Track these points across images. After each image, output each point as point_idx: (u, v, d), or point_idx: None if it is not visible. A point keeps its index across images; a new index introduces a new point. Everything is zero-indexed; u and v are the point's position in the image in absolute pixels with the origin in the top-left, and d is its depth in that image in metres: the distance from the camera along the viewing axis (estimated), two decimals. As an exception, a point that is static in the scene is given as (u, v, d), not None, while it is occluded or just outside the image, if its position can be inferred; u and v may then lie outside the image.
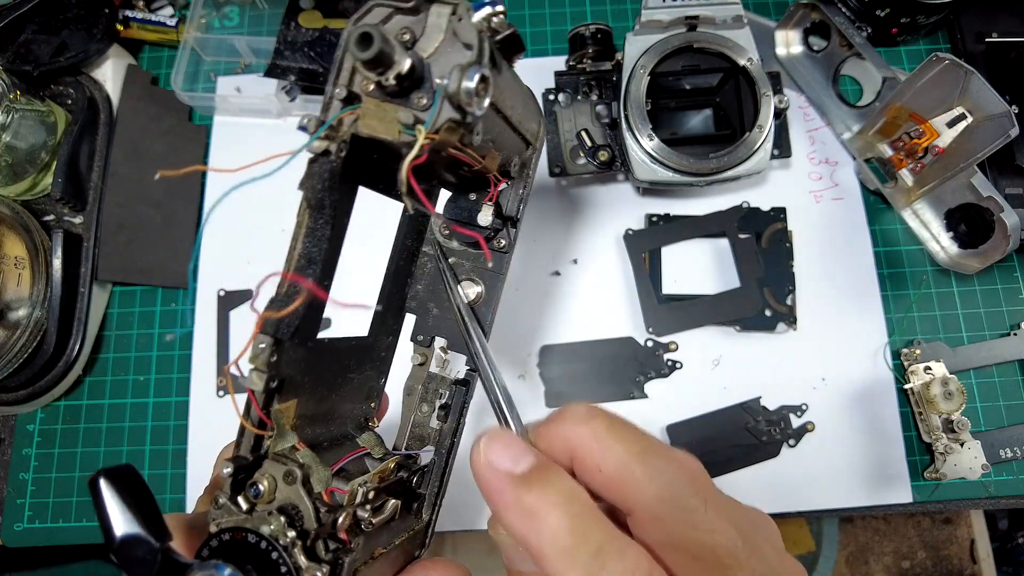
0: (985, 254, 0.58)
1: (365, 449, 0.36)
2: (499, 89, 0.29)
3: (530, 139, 0.37)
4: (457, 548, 1.00)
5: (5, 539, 0.63)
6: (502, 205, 0.37)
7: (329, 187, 0.28)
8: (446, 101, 0.26)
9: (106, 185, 0.65)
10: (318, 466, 0.28)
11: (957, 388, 0.57)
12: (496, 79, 0.28)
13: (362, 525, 0.29)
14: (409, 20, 0.28)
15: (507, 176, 0.37)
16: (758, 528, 0.26)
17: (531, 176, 0.38)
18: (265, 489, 0.27)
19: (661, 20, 0.60)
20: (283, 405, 0.30)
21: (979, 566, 1.18)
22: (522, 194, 0.37)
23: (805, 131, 0.70)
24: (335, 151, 0.28)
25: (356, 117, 0.28)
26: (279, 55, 0.68)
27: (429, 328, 0.39)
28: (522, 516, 0.23)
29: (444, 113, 0.26)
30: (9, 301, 0.60)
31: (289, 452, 0.29)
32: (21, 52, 0.64)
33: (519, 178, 0.37)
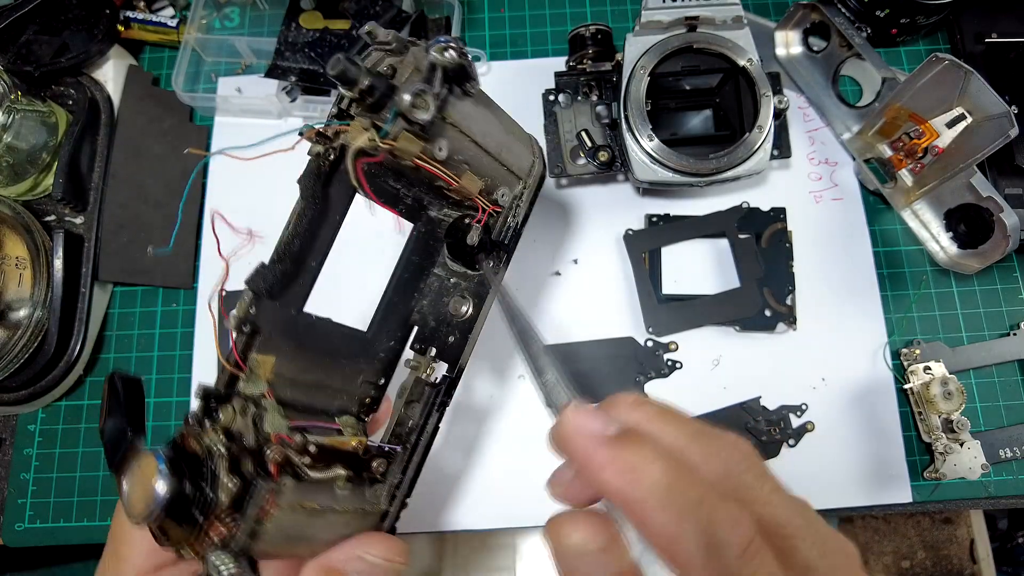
0: (985, 254, 0.58)
1: (335, 425, 0.39)
2: (460, 113, 0.36)
3: (519, 174, 0.42)
4: (457, 547, 1.00)
5: (6, 539, 0.63)
6: (491, 230, 0.42)
7: (316, 181, 0.36)
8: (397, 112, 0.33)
9: (107, 185, 0.65)
10: (275, 412, 0.33)
11: (957, 388, 0.57)
12: (455, 103, 0.35)
13: (297, 470, 0.32)
14: (394, 59, 0.36)
15: (497, 204, 0.42)
16: (807, 507, 0.26)
17: (523, 208, 0.43)
18: (224, 417, 0.32)
19: (661, 21, 0.61)
20: (261, 357, 0.35)
21: (979, 566, 1.18)
22: (511, 223, 0.42)
23: (805, 131, 0.70)
24: (324, 154, 0.36)
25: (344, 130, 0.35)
26: (280, 56, 0.68)
27: (427, 338, 0.43)
28: (620, 472, 0.24)
29: (398, 123, 0.33)
30: (10, 301, 0.60)
31: (257, 397, 0.34)
32: (22, 53, 0.65)
33: (510, 209, 0.42)
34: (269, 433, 0.32)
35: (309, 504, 0.33)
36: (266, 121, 0.72)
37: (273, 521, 0.31)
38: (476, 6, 0.76)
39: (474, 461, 0.63)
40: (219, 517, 0.29)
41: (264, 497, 0.30)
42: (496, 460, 0.62)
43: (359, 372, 0.42)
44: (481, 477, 0.62)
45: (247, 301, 0.35)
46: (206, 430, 0.32)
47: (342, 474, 0.35)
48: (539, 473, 0.60)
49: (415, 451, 0.41)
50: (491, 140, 0.39)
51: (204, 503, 0.29)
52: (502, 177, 0.41)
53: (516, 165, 0.41)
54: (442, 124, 0.35)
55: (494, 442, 0.63)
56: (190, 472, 0.29)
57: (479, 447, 0.63)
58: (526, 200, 0.43)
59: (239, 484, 0.29)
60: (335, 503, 0.34)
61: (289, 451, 0.31)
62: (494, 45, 0.74)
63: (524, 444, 0.63)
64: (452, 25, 0.70)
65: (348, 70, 0.31)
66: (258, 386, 0.34)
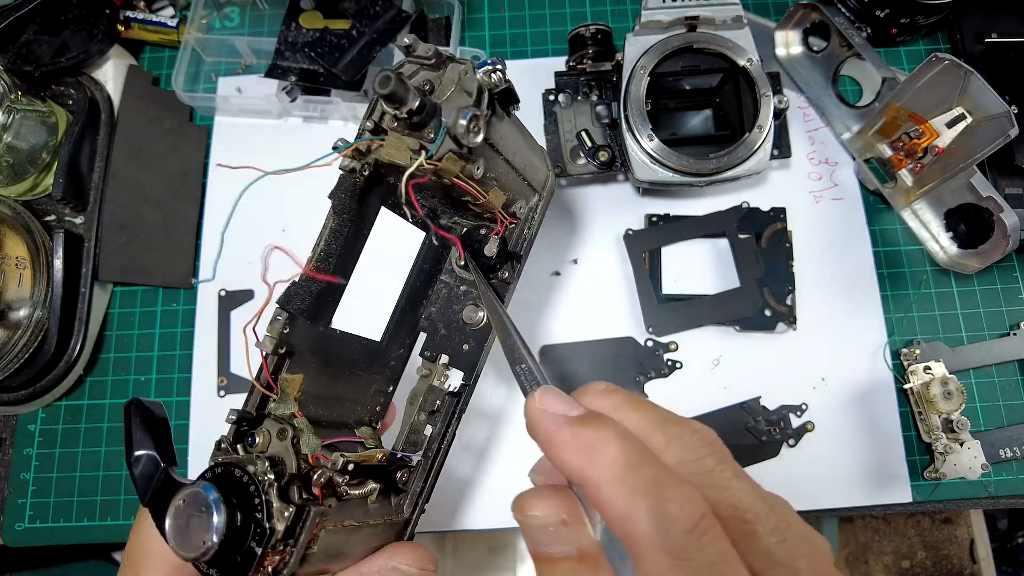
0: (984, 254, 0.58)
1: (358, 437, 0.39)
2: (498, 134, 0.36)
3: (536, 187, 0.43)
4: (458, 548, 1.00)
5: (6, 539, 0.63)
6: (508, 241, 0.42)
7: (352, 197, 0.36)
8: (447, 135, 0.32)
9: (107, 185, 0.65)
10: (310, 433, 0.33)
11: (956, 388, 0.57)
12: (496, 124, 0.36)
13: (337, 490, 0.33)
14: (431, 74, 0.36)
15: (515, 216, 0.42)
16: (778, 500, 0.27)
17: (537, 220, 0.43)
18: (260, 441, 0.33)
19: (661, 21, 0.61)
20: (290, 376, 0.35)
21: (979, 566, 1.18)
22: (527, 235, 0.43)
23: (805, 131, 0.70)
24: (359, 170, 0.35)
25: (380, 146, 0.34)
26: (280, 56, 0.68)
27: (436, 346, 0.44)
28: (580, 450, 0.25)
29: (445, 144, 0.33)
30: (10, 301, 0.60)
31: (288, 417, 0.34)
32: (22, 53, 0.65)
33: (526, 220, 0.43)
34: (307, 454, 0.32)
35: (349, 522, 0.33)
36: (266, 121, 0.72)
37: (320, 543, 0.31)
38: (476, 6, 0.76)
39: (474, 462, 0.63)
40: (274, 547, 0.29)
41: (315, 522, 0.30)
42: (496, 460, 0.62)
43: (372, 382, 0.42)
44: (481, 477, 0.62)
45: (282, 322, 0.35)
46: (245, 456, 0.31)
47: (375, 488, 0.35)
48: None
49: (436, 459, 0.41)
50: (519, 158, 0.40)
51: (260, 533, 0.29)
52: (522, 191, 0.42)
53: (536, 179, 0.42)
54: (483, 144, 0.35)
55: (494, 443, 0.63)
56: (240, 503, 0.29)
57: (479, 448, 0.63)
58: (541, 212, 0.44)
59: (293, 512, 0.29)
60: (368, 517, 0.35)
61: (332, 473, 0.32)
62: (494, 45, 0.74)
63: (524, 444, 0.63)
64: (452, 25, 0.70)
65: (398, 90, 0.30)
66: (289, 406, 0.34)
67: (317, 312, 0.36)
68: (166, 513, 0.28)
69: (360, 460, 0.34)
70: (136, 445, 0.31)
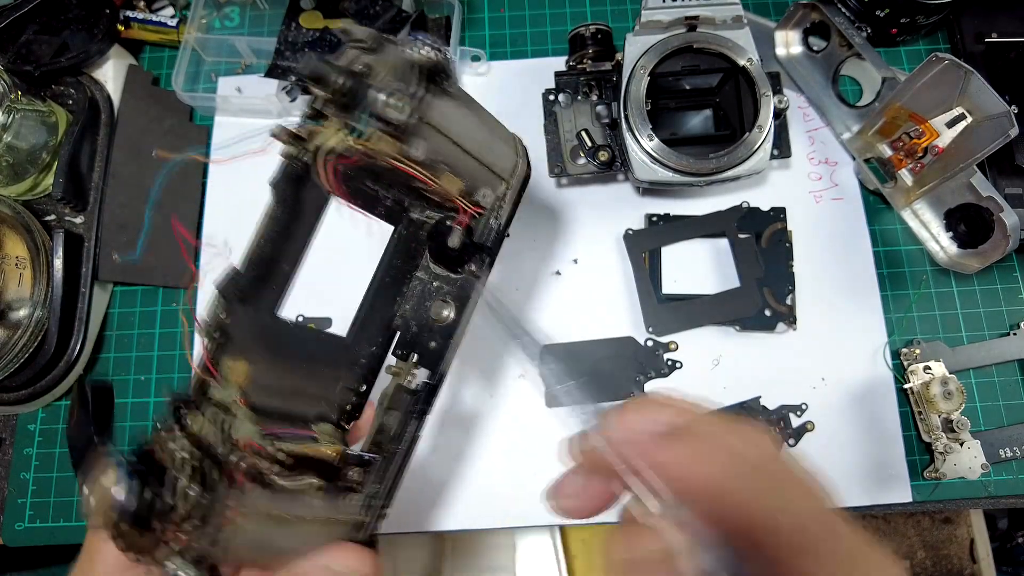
0: (985, 254, 0.58)
1: (312, 432, 0.38)
2: (438, 113, 0.35)
3: (500, 173, 0.40)
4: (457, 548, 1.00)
5: (6, 538, 0.63)
6: (474, 232, 0.40)
7: (292, 185, 0.35)
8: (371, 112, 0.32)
9: (107, 185, 0.65)
10: (245, 419, 0.33)
11: (956, 388, 0.57)
12: (433, 103, 0.34)
13: (265, 478, 0.32)
14: (371, 58, 0.34)
15: (478, 206, 0.40)
16: None
17: (507, 209, 0.41)
18: (192, 423, 0.32)
19: (661, 21, 0.61)
20: (233, 362, 0.34)
21: (979, 566, 1.18)
22: (493, 225, 0.40)
23: (805, 131, 0.70)
24: (298, 155, 0.35)
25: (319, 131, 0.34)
26: (280, 56, 0.68)
27: (407, 344, 0.42)
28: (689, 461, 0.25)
29: (374, 124, 0.32)
30: (10, 301, 0.60)
31: (229, 403, 0.34)
32: (22, 52, 0.65)
33: (493, 210, 0.40)
34: (238, 440, 0.32)
35: (277, 513, 0.32)
36: (266, 121, 0.72)
37: (237, 529, 0.31)
38: (476, 6, 0.76)
39: (473, 461, 0.63)
40: (178, 524, 0.29)
41: (226, 505, 0.30)
42: (495, 460, 0.62)
43: (338, 379, 0.41)
44: (480, 477, 0.62)
45: (217, 306, 0.34)
46: (169, 435, 0.31)
47: (314, 483, 0.34)
48: (538, 473, 0.60)
49: (392, 460, 0.39)
50: (470, 140, 0.38)
51: (164, 510, 0.29)
52: (483, 177, 0.40)
53: (498, 165, 0.40)
54: (419, 124, 0.34)
55: (493, 442, 0.63)
56: (152, 479, 0.29)
57: (478, 448, 0.63)
58: (509, 201, 0.41)
59: (199, 492, 0.29)
60: (306, 512, 0.34)
61: (257, 459, 0.31)
62: (494, 45, 0.74)
63: (523, 444, 0.63)
64: (452, 25, 0.70)
65: (319, 69, 0.31)
66: (230, 392, 0.34)
67: (255, 298, 0.35)
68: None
69: (300, 452, 0.33)
70: (76, 420, 0.32)
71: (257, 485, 0.32)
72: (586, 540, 0.98)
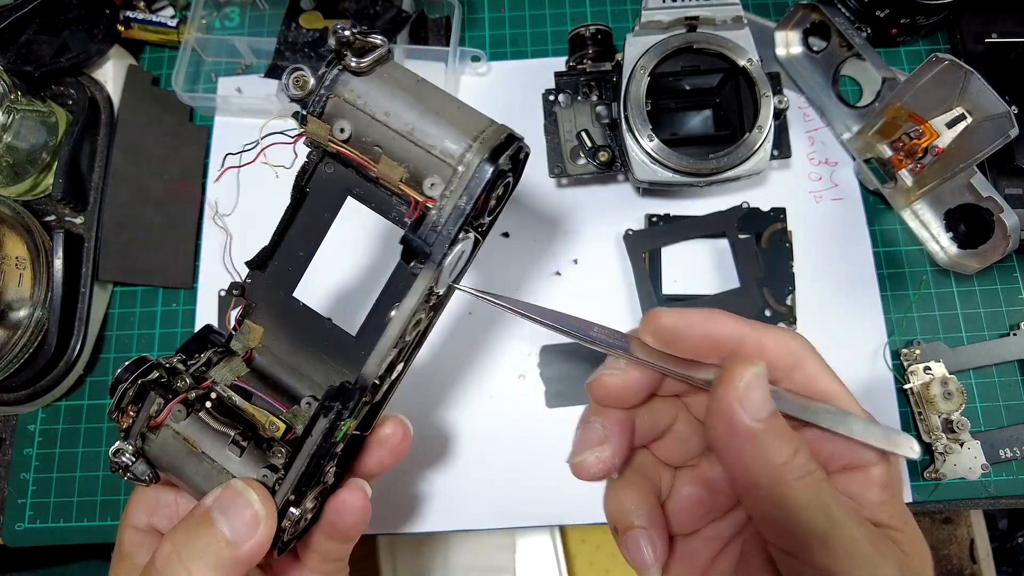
0: (985, 254, 0.58)
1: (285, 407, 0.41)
2: (354, 91, 0.36)
3: (441, 157, 0.35)
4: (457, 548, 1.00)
5: (6, 539, 0.63)
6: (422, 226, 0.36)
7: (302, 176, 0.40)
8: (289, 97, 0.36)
9: (107, 185, 0.65)
10: (227, 366, 0.41)
11: (957, 388, 0.57)
12: (349, 81, 0.36)
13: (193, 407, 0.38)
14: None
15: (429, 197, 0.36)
16: None
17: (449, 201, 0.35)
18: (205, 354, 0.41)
19: (661, 21, 0.61)
20: (253, 324, 0.41)
21: (979, 566, 1.18)
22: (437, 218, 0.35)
23: (805, 131, 0.70)
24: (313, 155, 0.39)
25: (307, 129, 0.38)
26: (280, 56, 0.68)
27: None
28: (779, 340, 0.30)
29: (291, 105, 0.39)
30: (10, 301, 0.60)
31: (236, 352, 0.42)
32: (22, 53, 0.64)
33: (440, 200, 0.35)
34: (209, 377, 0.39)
35: (193, 440, 0.37)
36: (266, 121, 0.72)
37: (159, 435, 0.37)
38: (476, 6, 0.76)
39: (473, 462, 0.63)
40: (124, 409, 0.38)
41: (151, 407, 0.37)
42: (495, 460, 0.62)
43: (341, 375, 0.41)
44: (480, 477, 0.62)
45: (247, 276, 0.41)
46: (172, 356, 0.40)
47: (230, 434, 0.38)
48: (538, 473, 0.60)
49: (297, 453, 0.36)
50: (401, 121, 0.35)
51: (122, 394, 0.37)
52: (428, 163, 0.36)
53: (443, 150, 0.35)
54: (339, 103, 0.36)
55: (494, 443, 0.63)
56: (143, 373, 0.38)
57: (478, 448, 0.63)
58: (460, 191, 0.35)
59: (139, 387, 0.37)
60: (220, 460, 0.37)
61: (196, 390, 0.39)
62: (494, 45, 0.74)
63: (523, 445, 0.63)
64: (452, 25, 0.70)
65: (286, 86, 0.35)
66: (243, 346, 0.41)
67: (270, 269, 0.41)
68: None
69: (238, 406, 0.39)
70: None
71: (185, 409, 0.38)
72: (586, 540, 0.98)
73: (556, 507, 0.61)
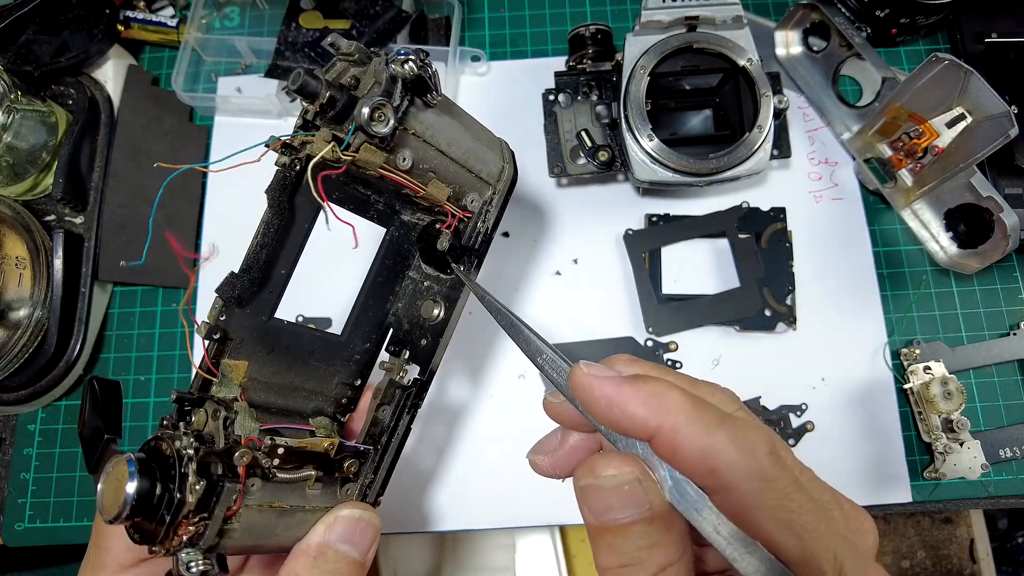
0: (984, 254, 0.58)
1: (309, 426, 0.40)
2: (422, 124, 0.36)
3: (486, 179, 0.42)
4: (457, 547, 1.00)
5: (6, 538, 0.63)
6: (461, 235, 0.42)
7: (284, 191, 0.37)
8: (356, 125, 0.33)
9: (107, 185, 0.65)
10: (246, 415, 0.34)
11: (956, 388, 0.57)
12: (417, 114, 0.36)
13: (265, 471, 0.34)
14: (358, 70, 0.36)
15: (466, 210, 0.42)
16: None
17: (493, 213, 0.42)
18: (196, 420, 0.34)
19: (661, 21, 0.61)
20: (233, 362, 0.37)
21: (978, 566, 1.18)
22: (481, 228, 0.42)
23: (805, 131, 0.70)
24: (290, 165, 0.36)
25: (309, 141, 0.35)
26: (280, 56, 0.68)
27: (400, 341, 0.44)
28: (646, 401, 0.26)
29: (358, 136, 0.34)
30: (10, 301, 0.60)
31: (230, 400, 0.35)
32: (22, 52, 0.64)
33: (480, 214, 0.42)
34: (240, 436, 0.33)
35: (278, 504, 0.34)
36: (266, 121, 0.72)
37: (241, 520, 0.32)
38: (476, 6, 0.76)
39: (473, 462, 0.63)
40: (187, 517, 0.31)
41: (231, 498, 0.32)
42: (495, 461, 0.62)
43: (334, 374, 0.43)
44: (480, 477, 0.62)
45: (217, 309, 0.36)
46: (174, 432, 0.33)
47: (312, 475, 0.36)
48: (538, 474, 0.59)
49: (387, 452, 0.41)
50: (457, 148, 0.39)
51: (173, 504, 0.30)
52: (471, 183, 0.41)
53: (485, 171, 0.41)
54: (404, 135, 0.36)
55: (494, 443, 0.63)
56: (160, 474, 0.31)
57: (479, 448, 0.63)
58: (496, 205, 0.42)
59: (206, 485, 0.31)
60: (305, 502, 0.36)
61: (257, 454, 0.33)
62: (494, 45, 0.74)
63: (523, 445, 0.62)
64: (452, 25, 0.70)
65: (308, 84, 0.32)
66: (231, 390, 0.36)
67: (252, 301, 0.38)
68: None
69: (297, 445, 0.35)
70: (87, 417, 0.34)
71: (258, 478, 0.33)
72: (586, 540, 0.98)
73: (556, 507, 0.61)
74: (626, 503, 0.26)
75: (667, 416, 0.25)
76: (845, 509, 0.27)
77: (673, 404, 0.25)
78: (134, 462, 0.30)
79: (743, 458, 0.24)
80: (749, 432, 0.25)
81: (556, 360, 0.31)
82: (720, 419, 0.25)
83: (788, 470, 0.25)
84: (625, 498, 0.26)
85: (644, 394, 0.26)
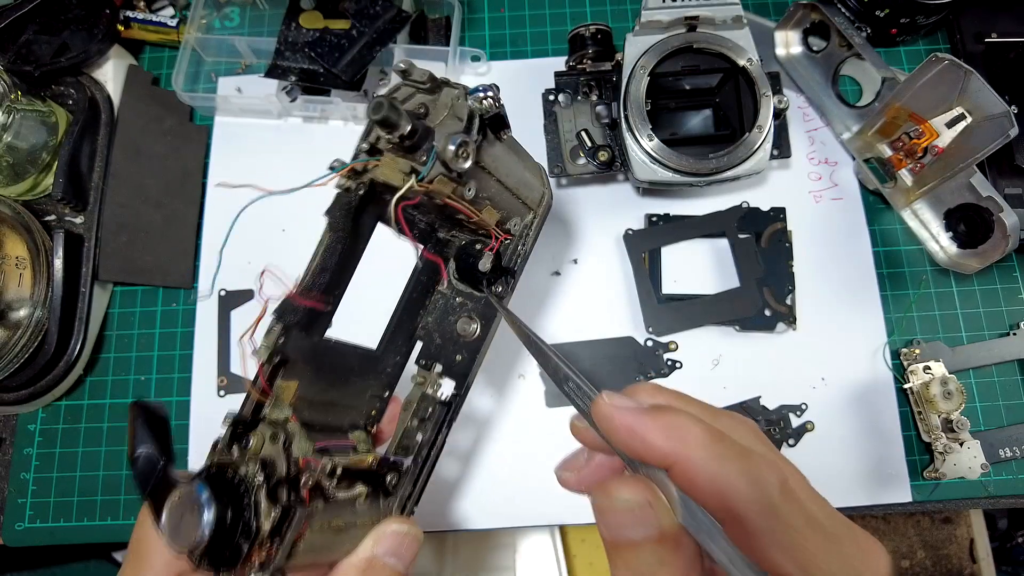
0: (984, 254, 0.58)
1: (352, 442, 0.40)
2: (490, 157, 0.38)
3: (531, 204, 0.44)
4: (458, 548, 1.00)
5: (6, 538, 0.63)
6: (502, 257, 0.43)
7: (347, 216, 0.37)
8: (437, 159, 0.34)
9: (107, 185, 0.65)
10: (302, 437, 0.34)
11: (956, 388, 0.57)
12: (487, 149, 0.37)
13: (325, 492, 0.34)
14: (427, 97, 0.36)
15: (509, 233, 0.43)
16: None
17: (532, 236, 0.44)
18: (254, 443, 0.33)
19: (661, 20, 0.61)
20: (285, 383, 0.36)
21: (978, 565, 1.18)
22: (521, 251, 0.44)
23: (805, 131, 0.70)
24: (354, 189, 0.37)
25: (375, 166, 0.36)
26: (280, 55, 0.68)
27: (431, 355, 0.44)
28: (667, 432, 0.27)
29: (436, 168, 0.34)
30: (10, 301, 0.60)
31: (282, 422, 0.35)
32: (22, 52, 0.65)
33: (520, 237, 0.44)
34: (298, 457, 0.33)
35: (336, 523, 0.35)
36: (266, 121, 0.72)
37: (306, 541, 0.33)
38: (476, 6, 0.76)
39: (474, 462, 0.63)
40: (262, 543, 0.31)
41: (301, 522, 0.32)
42: (495, 460, 0.62)
43: (367, 388, 0.43)
44: (481, 477, 0.62)
45: (277, 333, 0.36)
46: (238, 458, 0.33)
47: (364, 491, 0.36)
48: (538, 473, 0.60)
49: (425, 465, 0.42)
50: (512, 178, 0.41)
51: (247, 531, 0.30)
52: (516, 208, 0.43)
53: (530, 198, 0.43)
54: (474, 167, 0.36)
55: (494, 443, 0.63)
56: (230, 501, 0.30)
57: (479, 448, 0.63)
58: (535, 228, 0.44)
59: (280, 512, 0.31)
60: (357, 518, 0.36)
61: (320, 476, 0.33)
62: (494, 45, 0.74)
63: (523, 444, 0.63)
64: (452, 25, 0.70)
65: (391, 116, 0.32)
66: (283, 411, 0.36)
67: (311, 324, 0.38)
68: (162, 508, 0.30)
69: (350, 464, 0.35)
70: (138, 443, 0.33)
71: (320, 499, 0.34)
72: (586, 540, 0.98)
73: (556, 507, 0.61)
74: (636, 523, 0.27)
75: (684, 448, 0.26)
76: (860, 543, 0.28)
77: (691, 438, 0.26)
78: (206, 489, 0.30)
79: (754, 492, 0.25)
80: (762, 467, 0.26)
81: (582, 387, 0.32)
82: (736, 453, 0.26)
83: (799, 504, 0.26)
84: (636, 519, 0.27)
85: (663, 426, 0.27)
